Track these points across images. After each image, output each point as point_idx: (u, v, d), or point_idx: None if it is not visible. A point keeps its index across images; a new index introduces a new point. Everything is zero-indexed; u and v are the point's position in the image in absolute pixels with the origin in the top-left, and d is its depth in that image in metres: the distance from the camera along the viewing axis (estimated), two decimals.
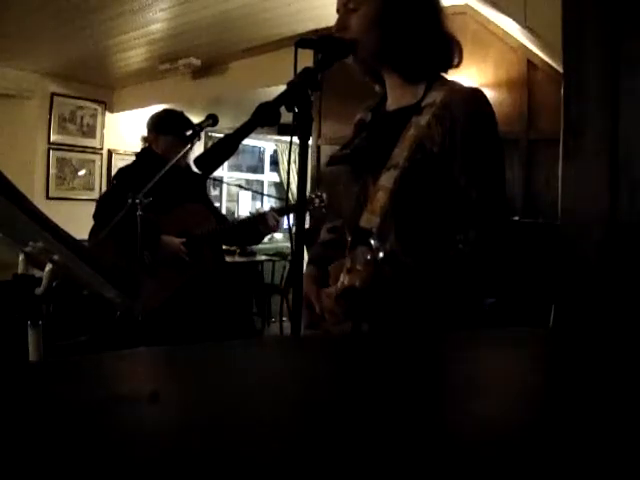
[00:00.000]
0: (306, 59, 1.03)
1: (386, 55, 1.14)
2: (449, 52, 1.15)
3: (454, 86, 1.13)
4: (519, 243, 2.96)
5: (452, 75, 1.20)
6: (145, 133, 2.55)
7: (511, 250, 2.98)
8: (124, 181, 2.35)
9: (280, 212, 2.43)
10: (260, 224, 2.36)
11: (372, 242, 0.97)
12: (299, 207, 0.98)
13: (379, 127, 1.21)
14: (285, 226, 3.59)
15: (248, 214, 2.61)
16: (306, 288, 1.21)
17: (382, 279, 0.99)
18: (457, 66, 1.16)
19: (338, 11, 1.15)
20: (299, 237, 0.93)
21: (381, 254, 0.95)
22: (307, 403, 0.47)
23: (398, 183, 1.08)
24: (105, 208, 2.28)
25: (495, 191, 1.10)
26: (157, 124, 2.43)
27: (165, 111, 2.53)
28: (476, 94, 1.11)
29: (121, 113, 5.79)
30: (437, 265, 1.07)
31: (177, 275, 2.24)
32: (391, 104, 1.21)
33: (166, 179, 2.00)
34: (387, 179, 1.09)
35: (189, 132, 2.23)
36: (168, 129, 2.38)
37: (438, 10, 1.14)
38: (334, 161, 1.28)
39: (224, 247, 2.69)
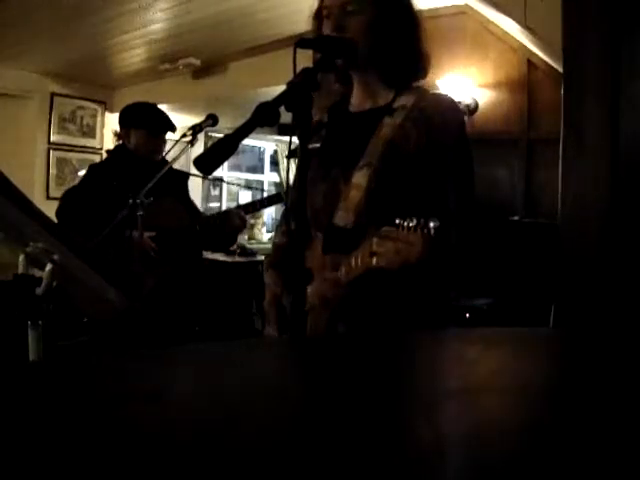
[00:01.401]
0: (306, 59, 1.03)
1: (375, 58, 1.17)
2: (427, 62, 1.22)
3: (424, 92, 1.20)
4: (519, 243, 2.96)
5: (451, 75, 1.22)
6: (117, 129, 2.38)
7: (511, 250, 2.98)
8: (92, 178, 2.27)
9: (246, 209, 2.34)
10: (224, 224, 2.22)
11: (398, 221, 0.94)
12: (299, 206, 0.98)
13: (345, 127, 1.23)
14: None
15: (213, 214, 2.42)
16: (270, 294, 1.26)
17: (438, 249, 0.95)
18: (425, 76, 1.24)
19: (325, 8, 1.16)
20: (299, 235, 0.93)
21: (432, 224, 0.92)
22: (307, 403, 0.47)
23: (373, 181, 1.10)
24: (70, 205, 2.19)
25: (469, 190, 1.16)
26: (127, 118, 2.30)
27: (135, 104, 2.36)
28: (452, 101, 1.21)
29: None
30: (412, 280, 1.08)
31: (148, 274, 2.12)
32: (357, 105, 1.24)
33: (139, 174, 1.93)
34: (361, 177, 1.12)
35: (188, 129, 2.19)
36: (139, 123, 2.25)
37: (419, 23, 1.22)
38: (295, 155, 1.28)
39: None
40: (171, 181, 2.29)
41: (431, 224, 0.91)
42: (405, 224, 0.93)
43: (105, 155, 2.53)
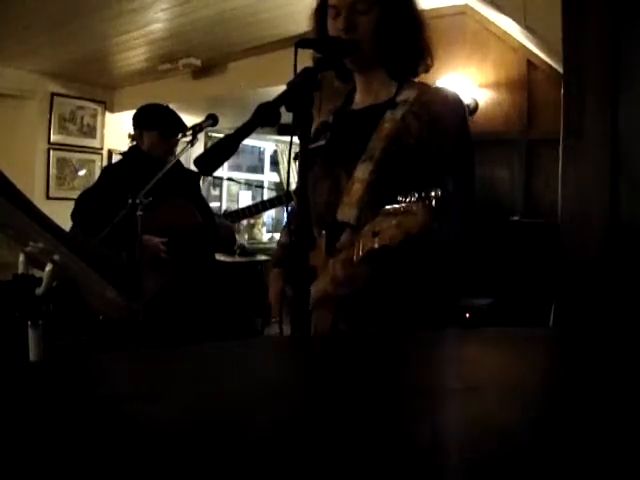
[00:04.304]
0: (306, 59, 1.03)
1: (383, 55, 1.19)
2: (430, 56, 1.23)
3: (426, 86, 1.22)
4: (519, 243, 2.96)
5: (451, 75, 1.23)
6: (131, 131, 2.43)
7: (511, 250, 2.98)
8: (107, 180, 2.29)
9: (249, 211, 2.35)
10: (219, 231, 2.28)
11: (400, 198, 0.92)
12: (300, 207, 0.98)
13: (348, 123, 1.24)
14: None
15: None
16: (275, 288, 1.33)
17: (439, 221, 0.92)
18: (428, 70, 1.26)
19: (333, 7, 1.16)
20: (299, 235, 0.93)
21: (433, 193, 0.88)
22: (307, 403, 0.47)
23: (375, 174, 1.10)
24: (84, 207, 2.21)
25: (469, 185, 1.16)
26: (140, 120, 2.33)
27: (148, 106, 2.39)
28: (454, 94, 1.21)
29: (121, 113, 5.78)
30: (415, 255, 1.07)
31: (158, 275, 2.16)
32: (360, 102, 1.25)
33: (153, 175, 1.95)
34: (363, 171, 1.12)
35: (188, 129, 2.19)
36: (152, 124, 2.28)
37: (422, 20, 1.23)
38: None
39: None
40: (182, 181, 2.31)
41: (432, 193, 0.88)
42: (407, 199, 0.91)
43: (106, 154, 2.54)
